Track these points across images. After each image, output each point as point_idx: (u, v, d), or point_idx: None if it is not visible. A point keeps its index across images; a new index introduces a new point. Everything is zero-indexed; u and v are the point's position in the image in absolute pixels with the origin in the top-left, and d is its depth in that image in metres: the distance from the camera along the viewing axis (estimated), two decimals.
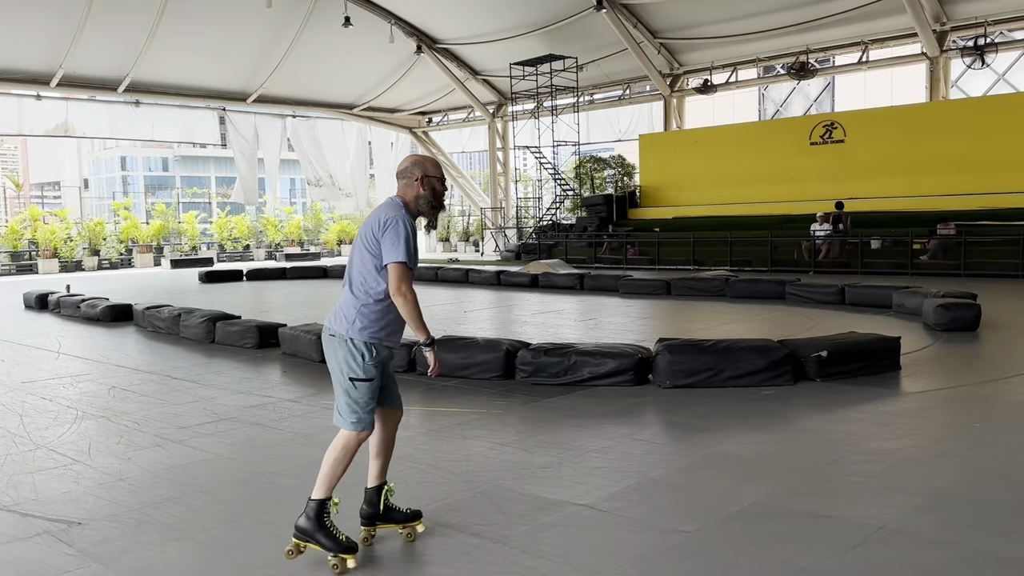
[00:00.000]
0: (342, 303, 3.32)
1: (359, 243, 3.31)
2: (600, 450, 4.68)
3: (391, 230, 3.22)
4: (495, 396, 6.20)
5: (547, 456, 4.60)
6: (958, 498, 3.74)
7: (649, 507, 3.76)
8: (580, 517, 3.64)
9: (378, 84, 32.51)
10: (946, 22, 21.84)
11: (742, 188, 24.70)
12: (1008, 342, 8.12)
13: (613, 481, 4.11)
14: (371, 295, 3.25)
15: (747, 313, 11.23)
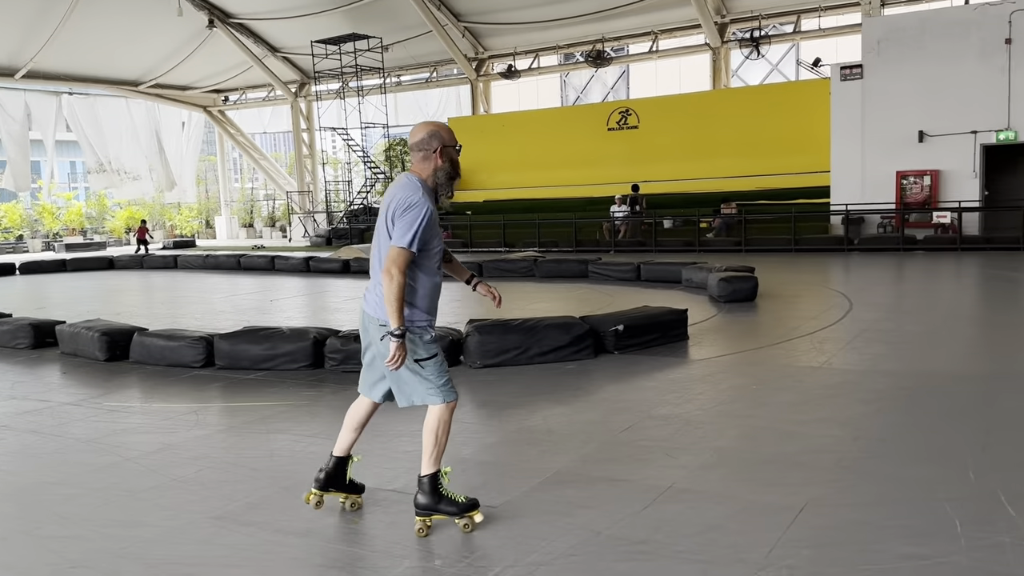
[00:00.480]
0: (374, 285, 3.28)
1: (382, 226, 3.22)
2: (411, 434, 4.67)
3: (409, 215, 3.13)
4: (303, 387, 6.02)
5: (357, 444, 4.52)
6: (737, 455, 4.10)
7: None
8: (389, 502, 3.63)
9: (166, 60, 30.35)
10: (726, 15, 23.65)
11: (548, 172, 25.52)
12: (781, 310, 8.98)
13: None
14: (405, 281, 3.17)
15: (554, 292, 11.64)
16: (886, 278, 11.75)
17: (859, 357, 6.30)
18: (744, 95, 24.15)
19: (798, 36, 24.19)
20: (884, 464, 3.84)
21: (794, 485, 3.62)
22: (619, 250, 18.52)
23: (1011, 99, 15.87)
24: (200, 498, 3.77)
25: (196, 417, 5.29)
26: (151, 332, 7.30)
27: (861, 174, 17.65)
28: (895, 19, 17.69)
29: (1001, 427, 4.32)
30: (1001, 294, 9.65)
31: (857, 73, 17.49)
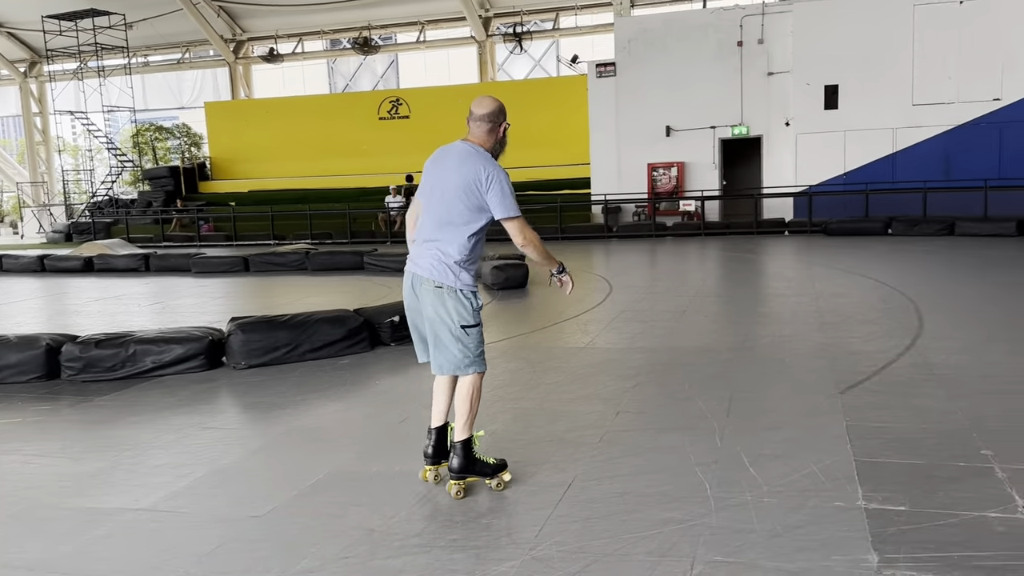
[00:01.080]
0: (438, 254, 3.30)
1: (451, 195, 3.29)
2: (164, 445, 4.27)
3: (496, 185, 3.27)
4: (34, 401, 5.31)
5: (99, 462, 4.05)
6: (509, 437, 4.15)
7: (218, 498, 3.52)
8: (138, 523, 3.26)
9: None
10: (489, 9, 24.22)
11: (319, 161, 24.77)
12: (550, 296, 9.34)
13: (178, 477, 3.77)
14: (466, 247, 3.30)
15: (328, 285, 11.28)
16: (641, 262, 12.63)
17: (619, 336, 6.68)
18: (510, 88, 24.89)
19: (558, 33, 25.34)
20: (643, 436, 4.07)
21: (562, 462, 3.72)
22: (396, 241, 18.38)
23: (743, 97, 17.69)
24: None
25: None
26: None
27: (617, 166, 18.85)
28: (643, 20, 19.05)
29: (742, 393, 4.75)
30: (740, 274, 10.72)
31: (611, 71, 18.62)
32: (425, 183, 3.46)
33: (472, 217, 3.32)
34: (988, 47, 15.77)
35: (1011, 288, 8.23)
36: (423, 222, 3.43)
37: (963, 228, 13.69)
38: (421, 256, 3.38)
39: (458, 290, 3.31)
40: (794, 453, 3.70)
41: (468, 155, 3.36)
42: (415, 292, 3.40)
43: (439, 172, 3.42)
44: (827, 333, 6.34)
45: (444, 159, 3.44)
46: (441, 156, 3.47)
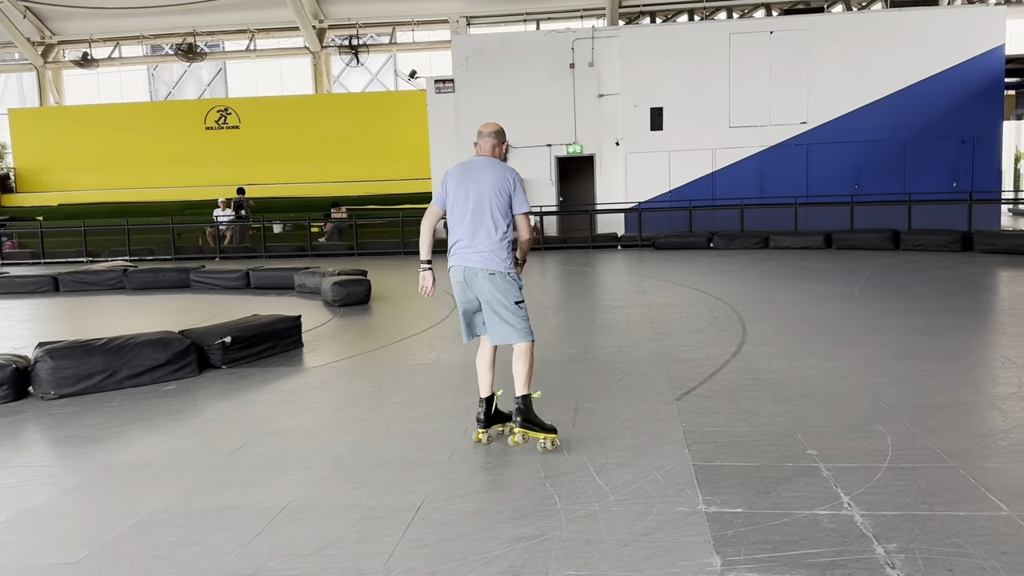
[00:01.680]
0: (487, 248, 3.98)
1: (490, 198, 3.99)
2: None
3: (519, 186, 4.09)
4: None
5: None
6: (355, 461, 3.99)
7: (25, 545, 3.13)
8: None
9: None
10: (324, 20, 23.70)
11: (139, 172, 23.24)
12: (393, 311, 9.17)
13: None
14: (505, 238, 4.02)
15: (150, 305, 10.52)
16: None
17: (465, 351, 6.63)
18: (348, 101, 24.46)
19: (395, 47, 25.18)
20: (491, 451, 4.03)
21: (411, 484, 3.61)
22: (225, 257, 17.48)
23: (576, 116, 18.29)
24: None
25: None
26: None
27: None
28: (480, 39, 19.29)
29: (586, 403, 4.83)
30: (578, 287, 11.01)
31: (449, 87, 18.71)
32: (458, 192, 4.09)
33: (505, 212, 4.04)
34: (795, 75, 17.22)
35: (822, 296, 8.96)
36: (460, 225, 4.07)
37: (777, 241, 14.80)
38: (473, 252, 4.01)
39: (508, 273, 4.02)
40: (637, 460, 3.78)
41: (492, 164, 4.15)
42: (467, 283, 4.08)
43: (471, 180, 4.08)
44: (661, 342, 6.60)
45: (471, 170, 4.13)
46: (466, 169, 4.16)
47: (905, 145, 17.07)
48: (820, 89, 17.18)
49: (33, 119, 24.38)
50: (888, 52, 16.92)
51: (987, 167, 16.97)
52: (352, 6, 23.28)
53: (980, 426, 4.17)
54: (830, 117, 17.19)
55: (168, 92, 28.57)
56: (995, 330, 6.81)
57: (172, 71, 28.29)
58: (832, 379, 5.21)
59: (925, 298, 8.44)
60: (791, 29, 17.33)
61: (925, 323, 7.03)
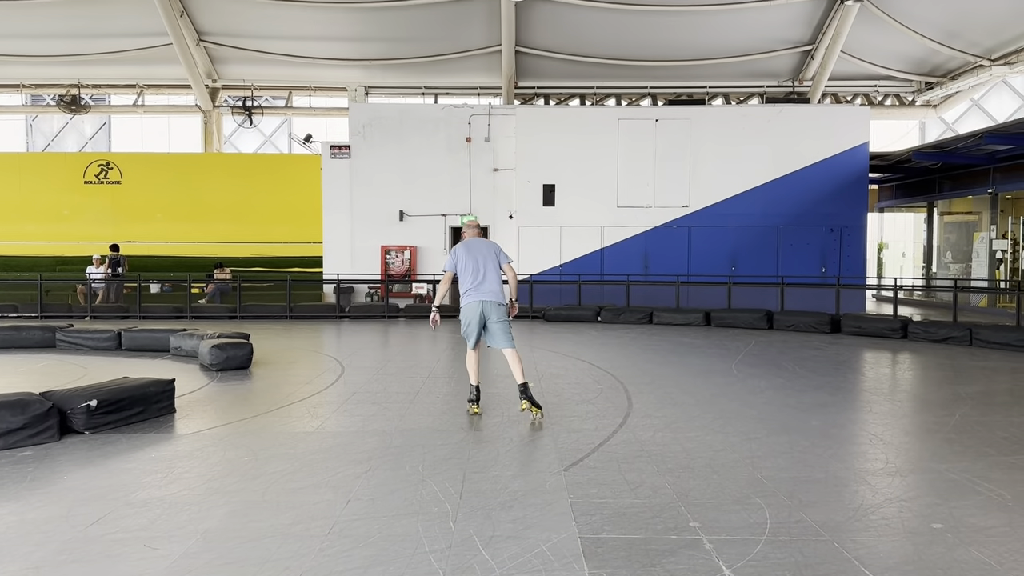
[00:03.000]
0: (493, 287, 6.64)
1: (490, 259, 6.71)
2: None
3: (502, 250, 6.85)
4: None
5: None
6: (227, 535, 3.76)
7: None
8: None
9: None
10: (217, 80, 23.36)
11: (7, 224, 21.88)
12: (276, 377, 8.85)
13: None
14: (501, 282, 6.69)
15: (9, 364, 9.76)
16: (374, 343, 12.50)
17: (351, 419, 6.47)
18: (239, 161, 24.00)
19: (290, 111, 25.05)
20: (375, 524, 3.90)
21: (287, 560, 3.44)
22: (97, 316, 16.52)
23: (472, 188, 18.58)
24: None
25: None
26: None
27: (351, 246, 18.76)
28: (378, 108, 19.46)
29: (474, 474, 4.76)
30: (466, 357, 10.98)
31: (345, 153, 18.69)
32: (467, 259, 6.70)
33: (498, 267, 6.70)
34: (678, 161, 18.16)
35: (703, 371, 9.26)
36: (473, 279, 6.64)
37: (660, 317, 15.30)
38: (486, 292, 6.61)
39: (506, 303, 6.67)
40: (524, 533, 3.74)
41: (484, 241, 6.94)
42: (483, 310, 6.60)
43: (476, 252, 6.74)
44: (549, 412, 6.63)
45: (473, 246, 6.79)
46: (469, 246, 6.78)
47: (778, 231, 18.18)
48: (701, 175, 18.17)
49: None
50: (763, 144, 18.14)
51: (853, 254, 18.25)
52: (248, 68, 23.09)
53: (852, 500, 4.36)
54: (710, 202, 18.15)
55: (47, 143, 27.28)
56: (862, 408, 7.21)
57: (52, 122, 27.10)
58: (712, 452, 5.35)
59: (797, 376, 8.87)
60: (675, 118, 18.34)
61: (797, 399, 7.37)
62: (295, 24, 21.29)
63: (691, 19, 20.81)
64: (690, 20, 20.84)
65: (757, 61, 22.46)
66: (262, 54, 22.32)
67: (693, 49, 21.95)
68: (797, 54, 22.40)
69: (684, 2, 20.14)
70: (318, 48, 22.32)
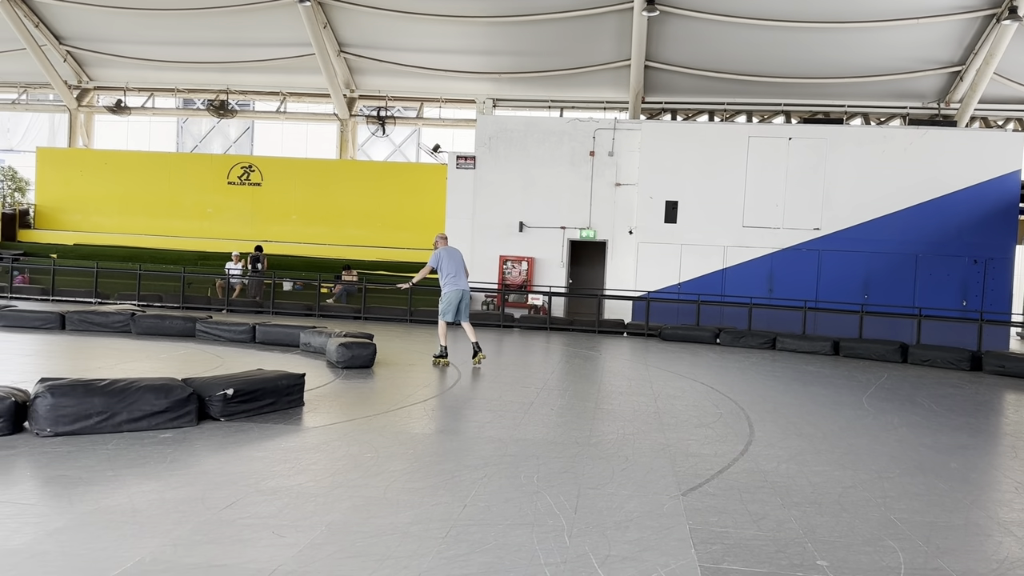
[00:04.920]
0: (465, 282, 10.16)
1: (462, 262, 10.21)
2: None
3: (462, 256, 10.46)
4: None
5: None
6: (349, 529, 3.87)
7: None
8: None
9: None
10: (355, 90, 24.33)
11: (156, 219, 23.52)
12: (396, 377, 9.09)
13: None
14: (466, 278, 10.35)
15: (154, 350, 10.46)
16: (489, 351, 12.63)
17: (467, 424, 6.55)
18: (370, 169, 24.89)
19: (420, 122, 25.78)
20: (490, 531, 3.91)
21: (406, 558, 3.50)
22: (233, 309, 17.49)
23: (592, 202, 18.54)
24: None
25: None
26: None
27: (471, 254, 19.07)
28: (504, 120, 19.74)
29: (589, 490, 4.71)
30: (583, 370, 10.93)
31: (471, 164, 19.05)
32: (448, 261, 10.04)
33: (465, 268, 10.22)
34: (811, 181, 17.50)
35: (830, 402, 8.85)
36: (450, 274, 10.01)
37: (784, 344, 14.74)
38: (460, 282, 10.03)
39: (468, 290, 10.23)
40: (641, 555, 3.66)
41: (456, 249, 10.25)
42: (461, 295, 10.00)
43: (453, 256, 10.10)
44: (666, 434, 6.50)
45: (452, 252, 10.12)
46: (449, 251, 10.09)
47: (916, 260, 17.20)
48: (835, 197, 17.43)
49: (59, 159, 24.83)
50: (904, 168, 17.23)
51: (999, 288, 17.04)
52: (383, 79, 23.95)
53: (995, 552, 4.04)
54: (843, 226, 17.39)
55: (195, 145, 29.15)
56: (1006, 453, 6.69)
57: (201, 125, 28.95)
58: (842, 488, 5.09)
59: (934, 414, 8.33)
60: (810, 137, 17.70)
61: (934, 439, 6.92)
62: (429, 37, 21.93)
63: (831, 36, 20.06)
64: (830, 37, 20.10)
65: (901, 81, 21.40)
66: (397, 66, 23.11)
67: (831, 66, 21.15)
68: (945, 75, 21.20)
69: (825, 19, 19.46)
70: (449, 61, 22.89)
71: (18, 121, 30.57)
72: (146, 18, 22.21)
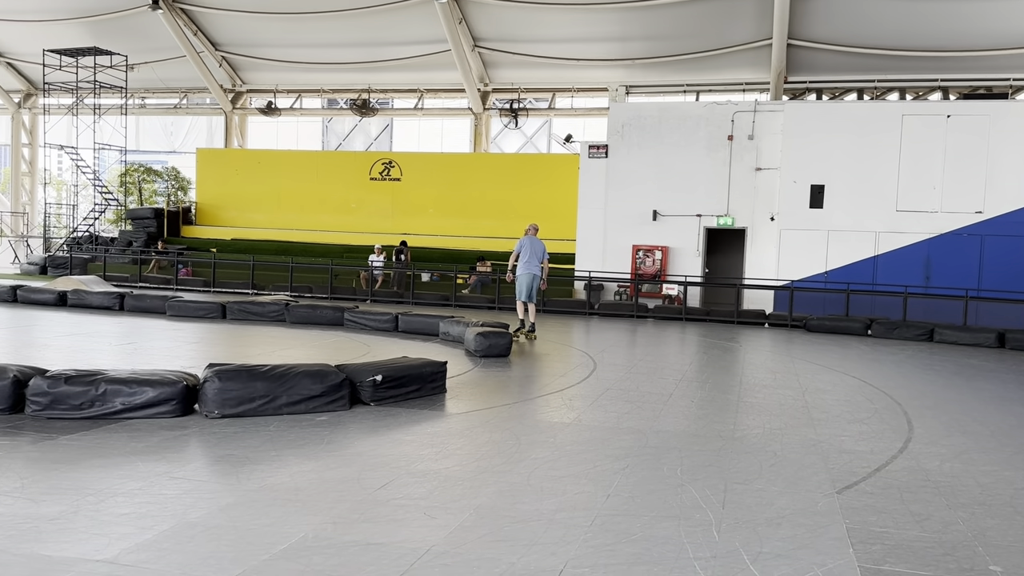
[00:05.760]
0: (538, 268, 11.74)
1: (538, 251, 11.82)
2: (128, 493, 4.01)
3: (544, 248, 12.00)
4: None
5: (58, 505, 3.79)
6: (496, 513, 3.95)
7: (184, 555, 3.28)
8: None
9: None
10: (489, 84, 24.69)
11: (305, 215, 24.76)
12: (532, 367, 9.19)
13: (141, 528, 3.52)
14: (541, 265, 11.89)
15: (306, 338, 11.05)
16: (624, 341, 12.54)
17: (606, 414, 6.53)
18: (503, 161, 25.21)
19: (552, 112, 25.85)
20: (636, 522, 3.89)
21: (552, 545, 3.53)
22: (376, 300, 18.21)
23: (730, 188, 18.00)
24: None
25: None
26: None
27: (603, 244, 18.97)
28: (638, 107, 19.47)
29: (736, 484, 4.59)
30: (723, 361, 10.65)
31: (603, 152, 18.92)
32: (527, 247, 11.76)
33: (542, 257, 11.83)
34: (972, 162, 16.25)
35: (997, 398, 8.21)
36: (526, 260, 11.70)
37: (943, 335, 13.78)
38: (534, 268, 11.70)
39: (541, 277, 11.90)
40: (796, 553, 3.53)
41: (538, 239, 11.89)
42: (532, 278, 11.68)
43: (533, 244, 11.77)
44: (817, 429, 6.23)
45: (536, 241, 11.83)
46: (534, 240, 11.83)
47: None
48: (999, 178, 16.12)
49: (217, 159, 26.60)
50: None
51: None
52: (516, 72, 24.16)
53: None
54: (1009, 208, 16.05)
55: (339, 143, 30.49)
56: None
57: (344, 123, 30.24)
58: (1014, 490, 4.72)
59: None
60: (971, 114, 16.43)
61: None
62: (561, 27, 21.92)
63: (993, 3, 18.50)
64: (991, 5, 18.55)
65: None
66: (530, 57, 23.25)
67: (993, 37, 19.52)
68: None
69: None
70: (581, 49, 22.80)
71: (180, 124, 32.99)
72: (294, 22, 23.40)
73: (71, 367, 6.15)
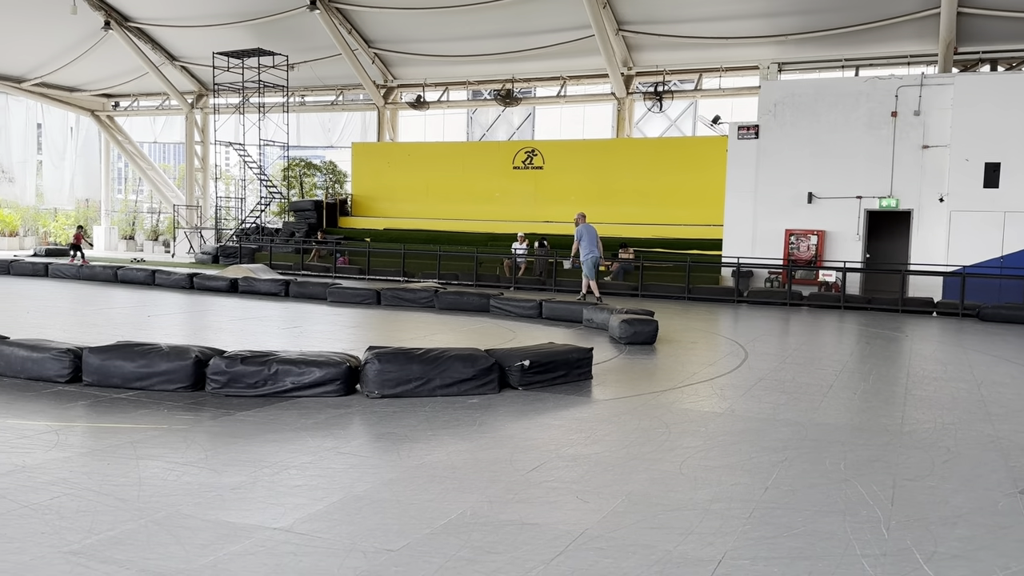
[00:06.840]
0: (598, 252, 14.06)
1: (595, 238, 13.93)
2: (300, 466, 4.29)
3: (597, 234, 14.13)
4: (180, 410, 5.50)
5: (238, 475, 4.11)
6: (649, 500, 3.93)
7: (353, 526, 3.47)
8: (274, 543, 3.25)
9: (55, 58, 28.70)
10: (632, 67, 24.33)
11: (451, 204, 25.39)
12: (679, 355, 9.03)
13: (313, 500, 3.76)
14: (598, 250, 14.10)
15: (454, 324, 11.37)
16: (776, 330, 12.08)
17: (760, 405, 6.32)
18: (646, 146, 24.82)
19: (698, 94, 25.15)
20: (797, 516, 3.75)
21: (709, 535, 3.47)
22: (519, 287, 18.46)
23: (894, 168, 16.89)
24: (54, 529, 3.29)
25: (56, 437, 4.73)
26: (11, 341, 6.59)
27: (752, 229, 18.31)
28: (792, 84, 18.60)
29: (906, 481, 4.33)
30: (887, 352, 10.05)
31: (753, 133, 18.22)
32: (585, 235, 13.82)
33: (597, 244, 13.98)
34: None
35: None
36: (587, 246, 13.77)
37: None
38: (595, 252, 13.86)
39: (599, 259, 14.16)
40: (975, 555, 3.30)
41: (592, 228, 13.98)
42: (593, 260, 13.81)
43: (591, 230, 13.86)
44: (995, 425, 5.77)
45: (590, 228, 13.88)
46: (588, 227, 13.87)
47: None
48: None
49: (370, 152, 27.74)
50: None
51: None
52: (661, 53, 23.67)
53: None
54: None
55: (483, 133, 31.05)
56: None
57: (488, 114, 30.74)
58: None
59: None
60: None
61: None
62: (708, 5, 21.25)
63: None
64: None
65: None
66: (675, 38, 22.71)
67: None
68: None
69: None
70: (729, 28, 22.01)
71: (336, 120, 34.61)
72: (442, 16, 23.98)
73: (245, 348, 6.63)
